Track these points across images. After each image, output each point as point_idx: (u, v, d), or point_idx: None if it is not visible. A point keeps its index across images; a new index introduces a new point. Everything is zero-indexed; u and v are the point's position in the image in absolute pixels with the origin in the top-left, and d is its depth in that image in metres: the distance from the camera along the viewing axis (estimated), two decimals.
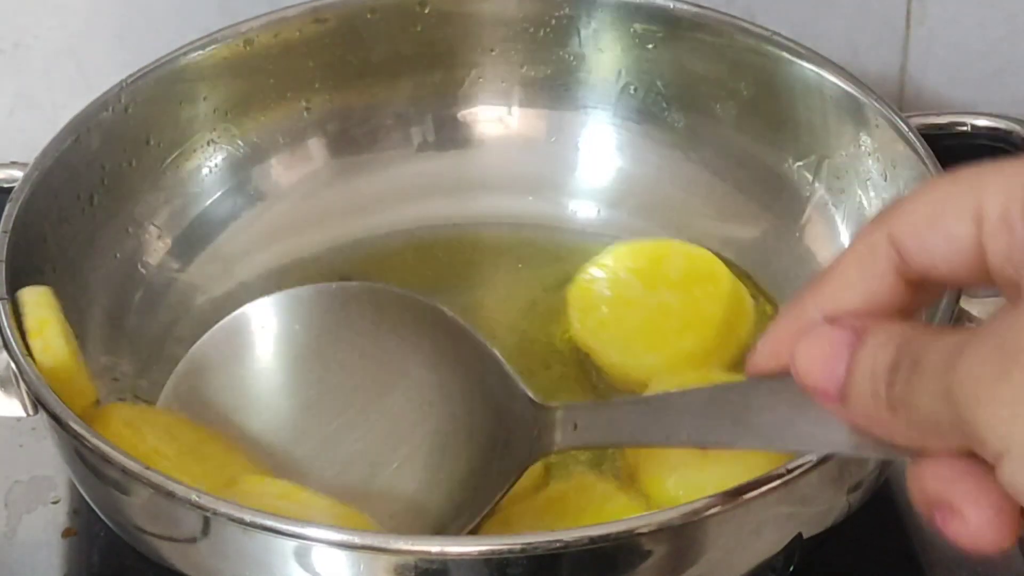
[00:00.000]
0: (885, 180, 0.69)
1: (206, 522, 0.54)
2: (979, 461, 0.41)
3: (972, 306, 0.62)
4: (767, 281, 0.73)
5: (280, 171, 0.76)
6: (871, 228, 0.46)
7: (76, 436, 0.57)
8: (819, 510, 0.57)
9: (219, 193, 0.74)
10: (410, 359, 0.63)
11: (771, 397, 0.49)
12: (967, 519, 0.42)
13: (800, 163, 0.73)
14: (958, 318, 0.61)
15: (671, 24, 0.74)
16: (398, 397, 0.63)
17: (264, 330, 0.65)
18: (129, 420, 0.61)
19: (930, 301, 0.49)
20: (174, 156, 0.73)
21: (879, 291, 0.46)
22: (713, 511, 0.53)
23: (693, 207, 0.75)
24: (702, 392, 0.54)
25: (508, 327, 0.71)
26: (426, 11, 0.75)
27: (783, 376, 0.47)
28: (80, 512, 0.68)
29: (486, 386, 0.62)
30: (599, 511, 0.61)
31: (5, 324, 0.60)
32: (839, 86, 0.71)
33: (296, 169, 0.76)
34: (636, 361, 0.67)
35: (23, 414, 0.61)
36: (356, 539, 0.53)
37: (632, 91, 0.76)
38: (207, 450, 0.61)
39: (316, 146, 0.76)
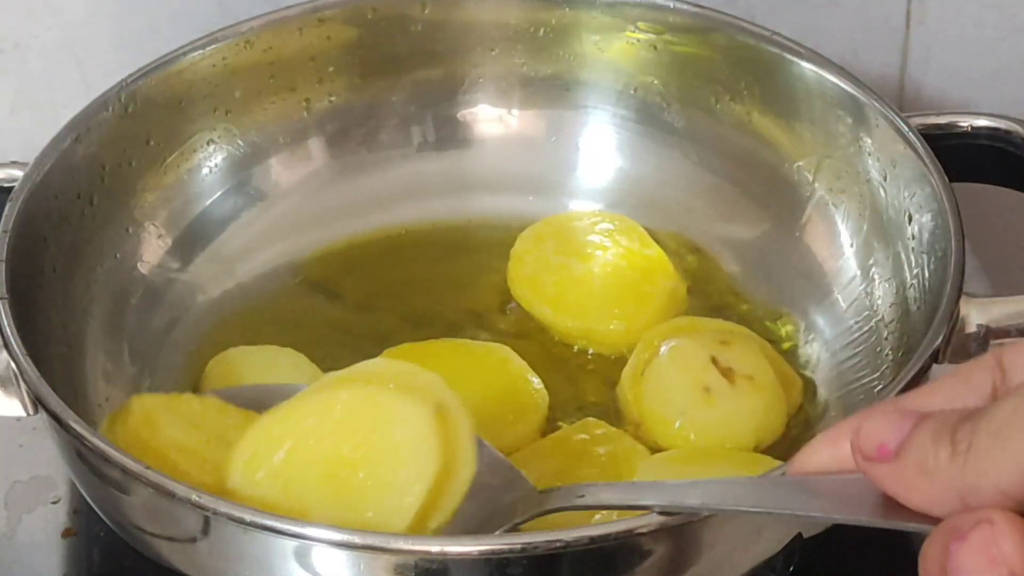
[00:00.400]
0: (885, 180, 0.69)
1: (206, 522, 0.54)
2: None
3: (971, 307, 0.62)
4: (767, 281, 0.73)
5: (280, 171, 0.76)
6: (983, 357, 0.47)
7: (76, 436, 0.57)
8: None
9: (219, 193, 0.74)
10: None
11: (804, 482, 0.49)
12: None
13: (800, 163, 0.73)
14: (956, 322, 0.61)
15: (671, 24, 0.74)
16: None
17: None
18: (148, 414, 0.60)
19: None
20: (174, 156, 0.73)
21: (969, 400, 0.46)
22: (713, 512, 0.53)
23: (693, 207, 0.75)
24: (729, 482, 0.54)
25: (505, 327, 0.71)
26: (426, 11, 0.75)
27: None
28: (80, 512, 0.68)
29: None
30: (606, 455, 0.61)
31: (5, 324, 0.60)
32: (839, 86, 0.71)
33: (296, 169, 0.76)
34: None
35: (23, 414, 0.61)
36: (356, 539, 0.53)
37: (632, 91, 0.76)
38: (237, 435, 0.59)
39: (316, 146, 0.76)
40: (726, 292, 0.73)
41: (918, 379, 0.58)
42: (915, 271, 0.67)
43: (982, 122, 0.71)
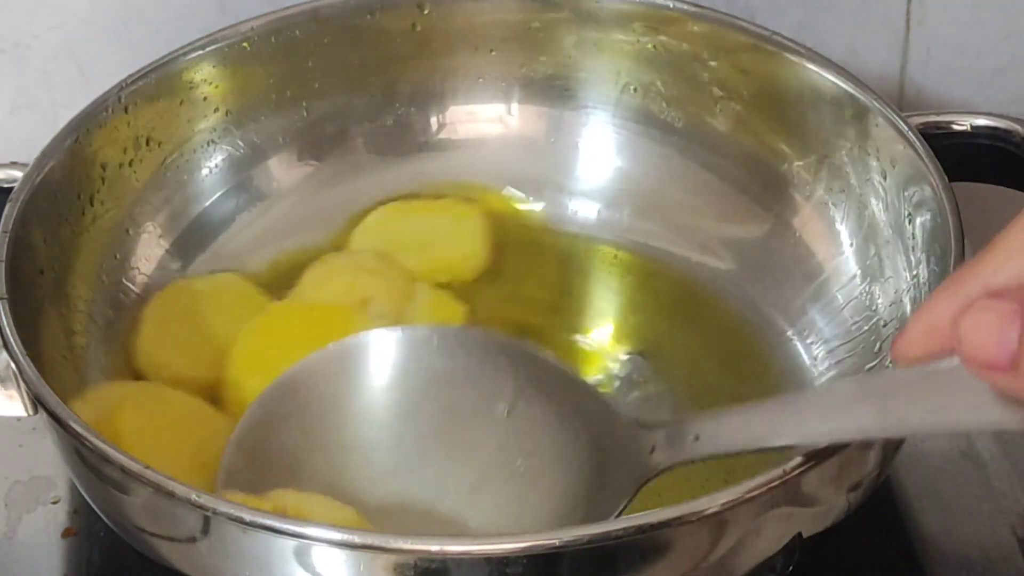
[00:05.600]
0: (885, 180, 0.69)
1: (206, 522, 0.54)
2: None
3: None
4: (766, 281, 0.73)
5: (280, 171, 0.76)
6: None
7: (76, 436, 0.57)
8: (819, 510, 0.58)
9: (219, 193, 0.74)
10: (488, 400, 0.62)
11: (920, 381, 0.48)
12: None
13: (800, 163, 0.73)
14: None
15: (671, 24, 0.74)
16: (480, 437, 0.61)
17: (326, 382, 0.63)
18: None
19: None
20: (174, 156, 0.73)
21: None
22: (713, 511, 0.53)
23: (693, 207, 0.75)
24: (840, 386, 0.53)
25: (505, 327, 0.71)
26: (426, 11, 0.75)
27: (928, 361, 0.47)
28: (80, 512, 0.68)
29: (581, 415, 0.61)
30: None
31: (5, 324, 0.60)
32: (839, 86, 0.71)
33: (296, 169, 0.76)
34: None
35: (23, 414, 0.61)
36: (356, 539, 0.53)
37: (632, 91, 0.76)
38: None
39: (316, 146, 0.76)
40: None
41: None
42: (915, 271, 0.67)
43: (982, 122, 0.71)
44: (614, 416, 0.60)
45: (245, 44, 0.73)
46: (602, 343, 0.72)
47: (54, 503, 0.68)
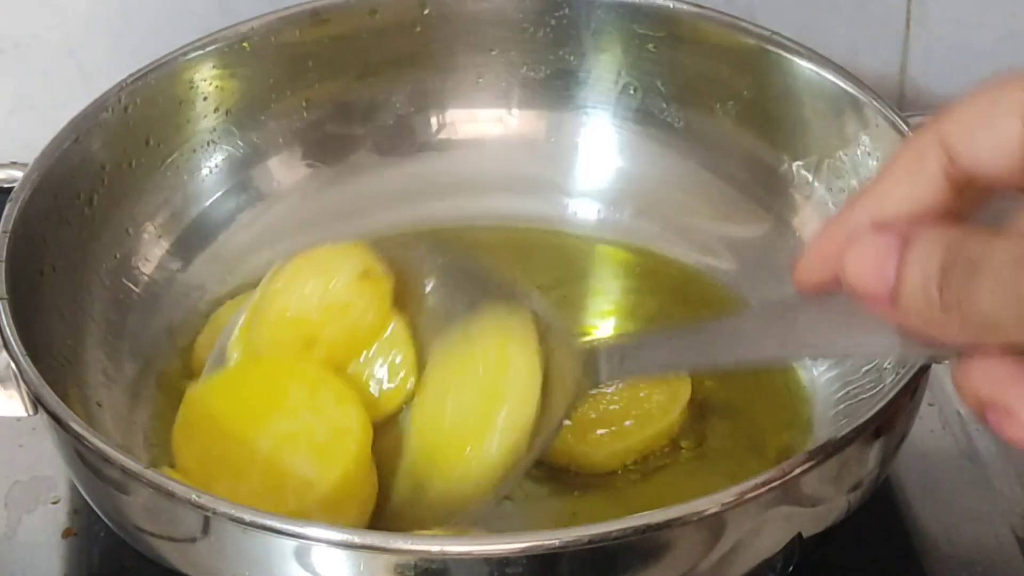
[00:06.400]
0: None
1: (206, 522, 0.54)
2: None
3: None
4: (766, 281, 0.73)
5: (280, 171, 0.76)
6: (920, 133, 0.47)
7: (76, 436, 0.57)
8: (819, 510, 0.58)
9: (219, 193, 0.74)
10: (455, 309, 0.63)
11: (818, 310, 0.50)
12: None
13: (800, 163, 0.73)
14: None
15: (671, 24, 0.74)
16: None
17: None
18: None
19: (978, 208, 0.49)
20: (174, 156, 0.73)
21: (927, 195, 0.47)
22: (713, 511, 0.53)
23: (693, 207, 0.75)
24: (747, 315, 0.56)
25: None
26: (426, 11, 0.75)
27: (828, 290, 0.48)
28: (80, 512, 0.68)
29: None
30: None
31: (5, 324, 0.60)
32: (839, 86, 0.71)
33: (296, 169, 0.76)
34: None
35: (23, 414, 0.61)
36: (356, 539, 0.53)
37: (632, 91, 0.76)
38: None
39: (316, 146, 0.76)
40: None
41: (917, 379, 0.58)
42: None
43: None
44: (559, 331, 0.61)
45: (245, 44, 0.73)
46: None
47: (54, 503, 0.68)
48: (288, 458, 0.59)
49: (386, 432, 0.62)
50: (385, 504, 0.61)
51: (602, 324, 0.73)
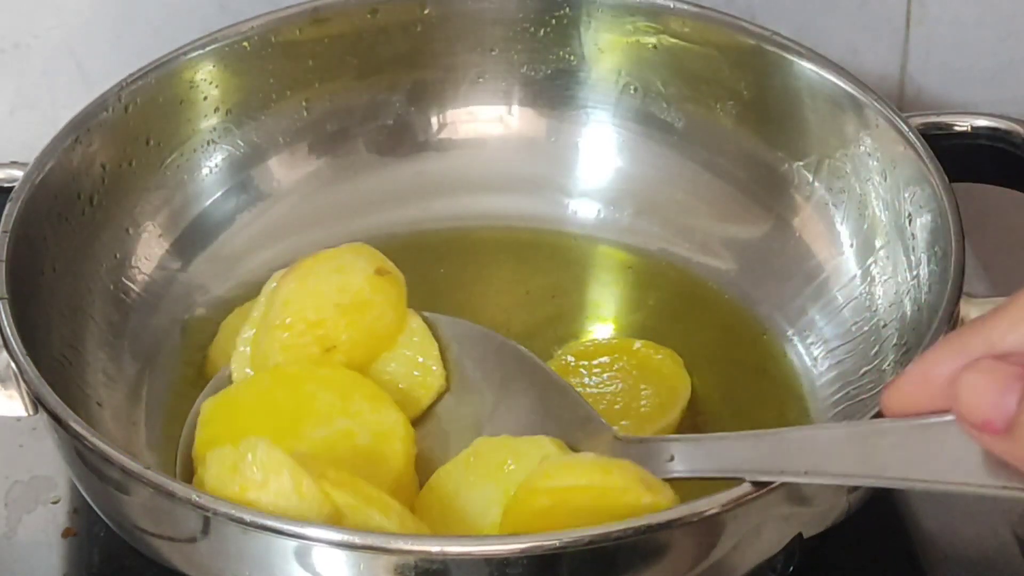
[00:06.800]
0: (885, 180, 0.69)
1: (206, 522, 0.54)
2: None
3: (971, 307, 0.62)
4: (766, 281, 0.73)
5: (280, 171, 0.76)
6: None
7: (76, 436, 0.57)
8: (819, 510, 0.58)
9: (219, 193, 0.74)
10: (480, 387, 0.63)
11: (908, 434, 0.48)
12: None
13: (800, 163, 0.73)
14: (956, 322, 0.61)
15: (671, 24, 0.74)
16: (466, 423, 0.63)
17: None
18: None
19: None
20: (174, 156, 0.73)
21: None
22: (713, 511, 0.53)
23: (693, 207, 0.75)
24: (825, 427, 0.53)
25: (506, 327, 0.71)
26: (426, 11, 0.75)
27: (917, 415, 0.47)
28: (80, 512, 0.68)
29: (561, 420, 0.61)
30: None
31: (5, 324, 0.60)
32: (839, 86, 0.71)
33: (296, 169, 0.76)
34: None
35: (23, 414, 0.61)
36: (356, 539, 0.53)
37: (632, 91, 0.76)
38: None
39: (316, 146, 0.76)
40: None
41: None
42: (915, 271, 0.67)
43: (982, 122, 0.71)
44: (597, 428, 0.61)
45: (245, 44, 0.73)
46: None
47: (54, 503, 0.68)
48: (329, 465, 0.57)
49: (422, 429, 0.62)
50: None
51: (602, 324, 0.73)
